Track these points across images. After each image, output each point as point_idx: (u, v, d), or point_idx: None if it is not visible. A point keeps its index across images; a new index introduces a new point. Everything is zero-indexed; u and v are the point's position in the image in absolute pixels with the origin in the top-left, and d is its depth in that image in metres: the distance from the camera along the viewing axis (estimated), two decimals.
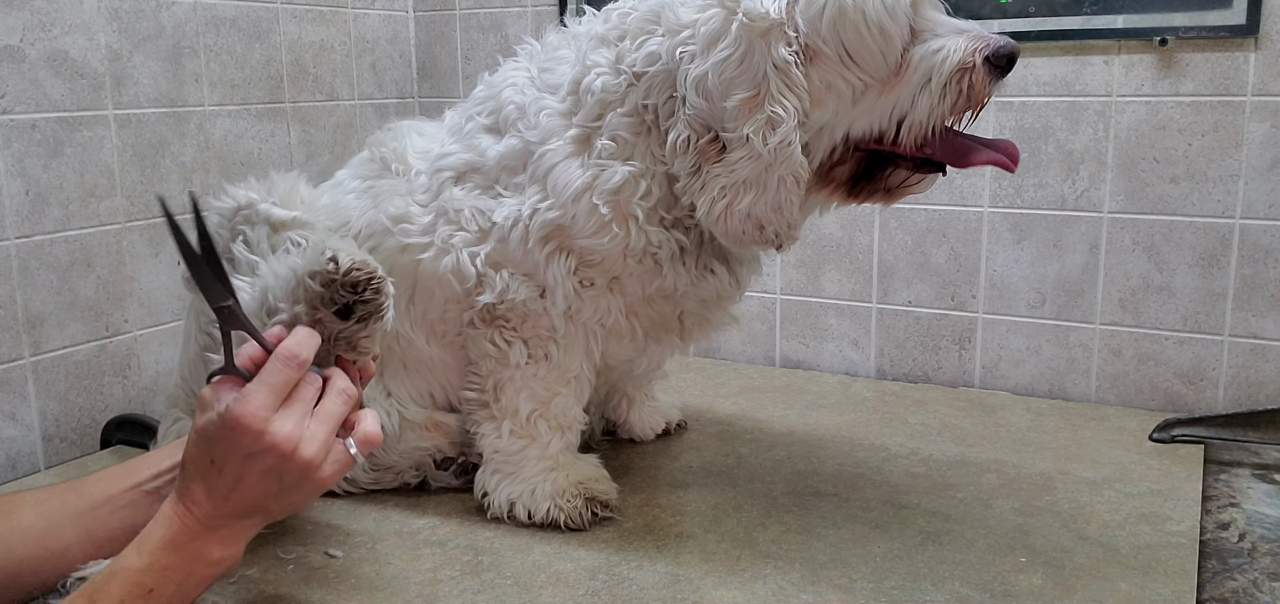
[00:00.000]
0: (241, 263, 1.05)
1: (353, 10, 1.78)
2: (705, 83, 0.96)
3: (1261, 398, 1.39)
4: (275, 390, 0.82)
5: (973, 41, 0.95)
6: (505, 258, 1.06)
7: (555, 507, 1.08)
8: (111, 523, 0.93)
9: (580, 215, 1.01)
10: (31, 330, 1.33)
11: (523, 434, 1.10)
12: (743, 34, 0.94)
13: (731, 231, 0.99)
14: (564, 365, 1.10)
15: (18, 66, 1.29)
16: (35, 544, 0.92)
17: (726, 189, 0.96)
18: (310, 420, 0.83)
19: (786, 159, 0.95)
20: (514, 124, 1.07)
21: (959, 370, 1.58)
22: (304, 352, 0.84)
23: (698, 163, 0.98)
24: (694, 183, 0.98)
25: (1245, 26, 1.31)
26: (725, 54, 0.95)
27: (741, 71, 0.95)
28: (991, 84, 0.95)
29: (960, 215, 1.53)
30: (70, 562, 0.93)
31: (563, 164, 1.02)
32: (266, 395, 0.81)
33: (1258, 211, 1.36)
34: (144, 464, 0.96)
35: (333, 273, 0.89)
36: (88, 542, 0.93)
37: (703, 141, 0.97)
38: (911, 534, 1.06)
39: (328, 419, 0.84)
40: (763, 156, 0.94)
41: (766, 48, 0.94)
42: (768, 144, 0.94)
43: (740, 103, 0.94)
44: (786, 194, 0.97)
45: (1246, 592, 0.95)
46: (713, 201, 0.97)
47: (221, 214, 1.10)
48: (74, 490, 0.95)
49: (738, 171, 0.96)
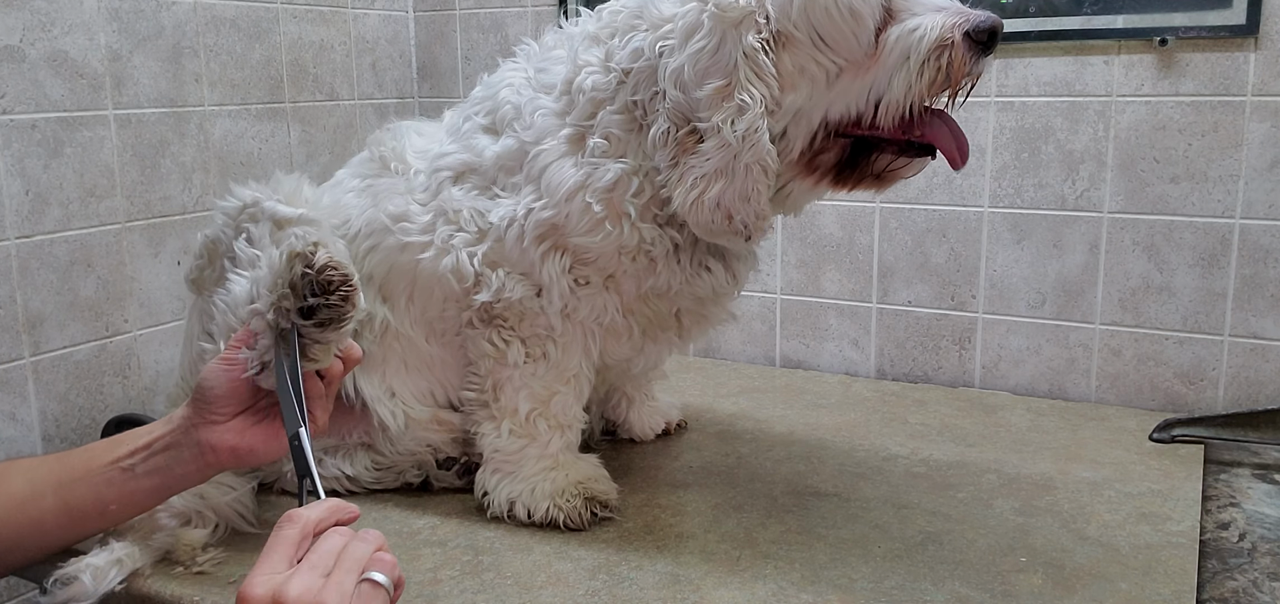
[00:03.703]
0: (242, 258, 1.05)
1: (353, 10, 1.78)
2: (682, 75, 0.97)
3: (1261, 398, 1.39)
4: (281, 557, 0.77)
5: (952, 17, 0.94)
6: (501, 257, 1.06)
7: (554, 506, 1.08)
8: (86, 495, 0.94)
9: (574, 214, 1.02)
10: (31, 330, 1.33)
11: (522, 433, 1.10)
12: (716, 24, 0.95)
13: (702, 221, 0.99)
14: (562, 364, 1.10)
15: (18, 66, 1.29)
16: (18, 510, 0.92)
17: (698, 179, 0.97)
18: (330, 573, 0.76)
19: (753, 146, 0.95)
20: (510, 124, 1.07)
21: (959, 370, 1.58)
22: (310, 512, 0.81)
23: (676, 155, 0.98)
24: (672, 174, 0.99)
25: (1245, 26, 1.31)
26: (700, 45, 0.95)
27: (715, 62, 0.95)
28: (973, 60, 0.94)
29: (960, 215, 1.53)
30: (46, 531, 0.94)
31: (556, 163, 1.03)
32: (270, 563, 0.76)
33: (1258, 212, 1.36)
34: (126, 440, 0.96)
35: (309, 263, 0.89)
36: (63, 513, 0.93)
37: (681, 133, 0.98)
38: (911, 534, 1.06)
39: (349, 565, 0.77)
40: (731, 145, 0.94)
41: (738, 37, 0.94)
42: (735, 130, 0.94)
43: (713, 92, 0.95)
44: (753, 183, 0.96)
45: (1246, 592, 0.95)
46: (687, 192, 0.97)
47: (226, 213, 1.10)
48: (62, 460, 0.96)
49: (709, 161, 0.96)
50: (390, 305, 1.13)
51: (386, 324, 1.13)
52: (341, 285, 0.90)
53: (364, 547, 0.78)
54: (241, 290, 1.01)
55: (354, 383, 1.13)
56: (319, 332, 0.91)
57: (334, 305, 0.90)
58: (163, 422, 0.96)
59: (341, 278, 0.90)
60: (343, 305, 0.90)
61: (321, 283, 0.89)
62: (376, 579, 0.77)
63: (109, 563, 0.95)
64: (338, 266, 0.90)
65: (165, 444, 0.95)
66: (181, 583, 0.98)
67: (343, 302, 0.90)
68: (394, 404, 1.14)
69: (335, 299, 0.90)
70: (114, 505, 0.95)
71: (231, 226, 1.09)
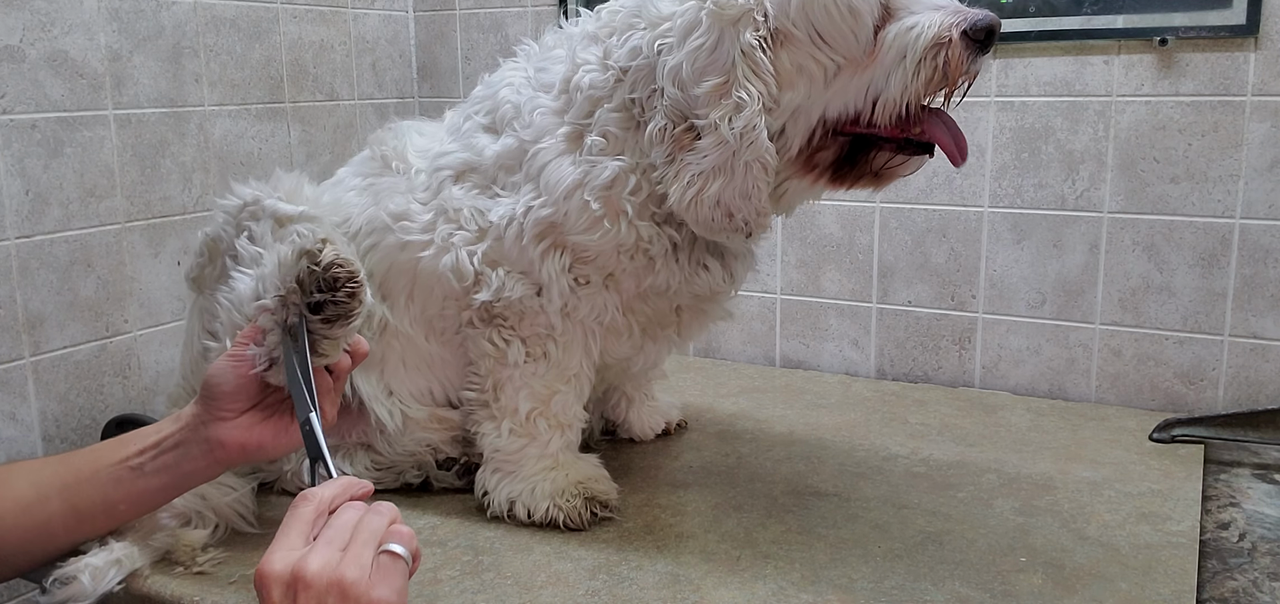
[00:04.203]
0: (244, 256, 1.05)
1: (353, 10, 1.78)
2: (680, 72, 0.97)
3: (1261, 398, 1.39)
4: (298, 535, 0.77)
5: (949, 16, 0.94)
6: (501, 256, 1.06)
7: (554, 506, 1.08)
8: (93, 496, 0.94)
9: (572, 212, 1.02)
10: (31, 330, 1.33)
11: (522, 433, 1.10)
12: (714, 22, 0.95)
13: (701, 219, 0.99)
14: (563, 363, 1.10)
15: (18, 66, 1.29)
16: (24, 514, 0.92)
17: (696, 176, 0.96)
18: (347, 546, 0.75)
19: (753, 144, 0.95)
20: (510, 123, 1.07)
21: (959, 370, 1.58)
22: (324, 490, 0.80)
23: (672, 151, 0.98)
24: (668, 171, 0.99)
25: (1245, 26, 1.31)
26: (698, 43, 0.96)
27: (713, 59, 0.95)
28: (971, 59, 0.94)
29: (960, 215, 1.53)
30: (52, 534, 0.93)
31: (555, 162, 1.03)
32: (288, 540, 0.76)
33: (1258, 212, 1.36)
34: (133, 440, 0.96)
35: (316, 260, 0.90)
36: (70, 514, 0.93)
37: (678, 130, 0.98)
38: (911, 534, 1.06)
39: (366, 538, 0.76)
40: (729, 142, 0.95)
41: (736, 34, 0.94)
42: (733, 127, 0.94)
43: (711, 89, 0.95)
44: (753, 181, 0.96)
45: (1246, 592, 0.95)
46: (684, 189, 0.97)
47: (227, 211, 1.10)
48: (66, 462, 0.96)
49: (707, 158, 0.96)
50: (389, 304, 1.13)
51: (385, 322, 1.13)
52: (348, 282, 0.91)
53: (380, 520, 0.78)
54: (246, 288, 1.01)
55: (351, 381, 1.13)
56: (327, 328, 0.92)
57: (341, 301, 0.91)
58: (169, 420, 0.97)
59: (348, 274, 0.91)
60: (350, 301, 0.91)
61: (328, 279, 0.90)
62: (395, 550, 0.76)
63: (108, 563, 0.95)
64: (344, 263, 0.91)
65: (174, 442, 0.95)
66: (181, 583, 0.98)
67: (350, 297, 0.91)
68: (391, 403, 1.14)
69: (342, 295, 0.91)
70: (123, 505, 0.95)
71: (232, 225, 1.09)
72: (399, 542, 0.77)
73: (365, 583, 0.73)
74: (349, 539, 0.76)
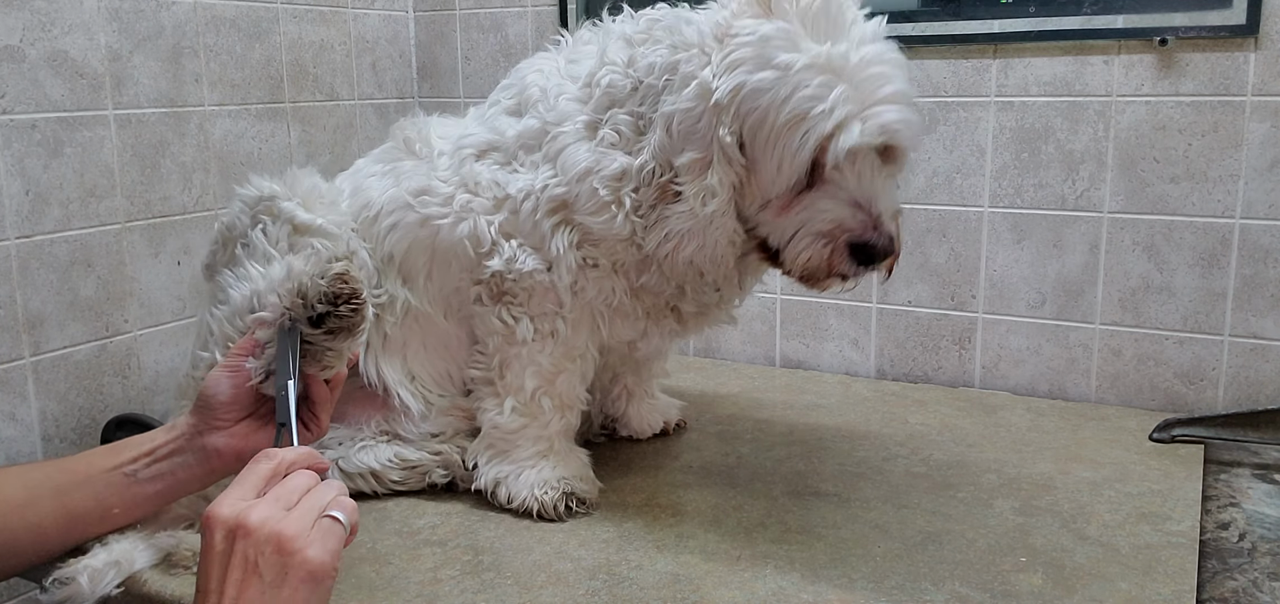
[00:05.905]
0: (257, 249, 1.07)
1: (353, 10, 1.78)
2: (671, 123, 1.00)
3: (1261, 398, 1.39)
4: (251, 487, 0.80)
5: (850, 220, 0.97)
6: (515, 228, 1.10)
7: (532, 496, 1.10)
8: (86, 501, 0.95)
9: (583, 194, 1.05)
10: (31, 330, 1.33)
11: (525, 412, 1.12)
12: (701, 95, 0.98)
13: (675, 272, 1.07)
14: (570, 342, 1.12)
15: (18, 66, 1.29)
16: (15, 516, 0.93)
17: (672, 234, 1.01)
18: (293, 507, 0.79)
19: (721, 226, 1.00)
20: (534, 105, 1.11)
21: (959, 370, 1.58)
22: (286, 454, 0.84)
23: (655, 200, 1.02)
24: (650, 215, 1.03)
25: (1245, 26, 1.31)
26: (687, 106, 0.98)
27: (696, 130, 0.98)
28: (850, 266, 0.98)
29: (960, 215, 1.53)
30: (44, 536, 0.94)
31: (573, 145, 1.06)
32: (240, 491, 0.80)
33: (1258, 212, 1.36)
34: (128, 446, 0.97)
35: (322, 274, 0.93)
36: (63, 517, 0.94)
37: (664, 179, 1.01)
38: (911, 534, 1.06)
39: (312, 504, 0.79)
40: (700, 219, 0.99)
41: (715, 118, 0.97)
42: (706, 208, 0.98)
43: (691, 163, 0.99)
44: (722, 252, 1.03)
45: (1246, 592, 0.95)
46: (661, 241, 1.03)
47: (244, 200, 1.12)
48: (60, 466, 0.97)
49: (684, 222, 1.00)
50: (410, 286, 1.16)
51: (408, 305, 1.16)
52: (351, 299, 0.94)
53: (328, 492, 0.82)
54: (241, 299, 1.03)
55: (376, 368, 1.16)
56: (329, 340, 0.95)
57: (343, 316, 0.94)
58: (165, 429, 0.97)
59: (351, 291, 0.94)
60: (352, 316, 0.94)
61: (330, 295, 0.93)
62: (335, 516, 0.80)
63: (107, 564, 0.96)
64: (348, 281, 0.94)
65: (170, 450, 0.96)
66: (182, 583, 0.97)
67: (352, 313, 0.94)
68: (414, 388, 1.17)
69: (345, 310, 0.94)
70: (117, 510, 0.96)
71: (248, 214, 1.11)
72: (341, 511, 0.80)
73: (302, 539, 0.76)
74: (295, 501, 0.79)
